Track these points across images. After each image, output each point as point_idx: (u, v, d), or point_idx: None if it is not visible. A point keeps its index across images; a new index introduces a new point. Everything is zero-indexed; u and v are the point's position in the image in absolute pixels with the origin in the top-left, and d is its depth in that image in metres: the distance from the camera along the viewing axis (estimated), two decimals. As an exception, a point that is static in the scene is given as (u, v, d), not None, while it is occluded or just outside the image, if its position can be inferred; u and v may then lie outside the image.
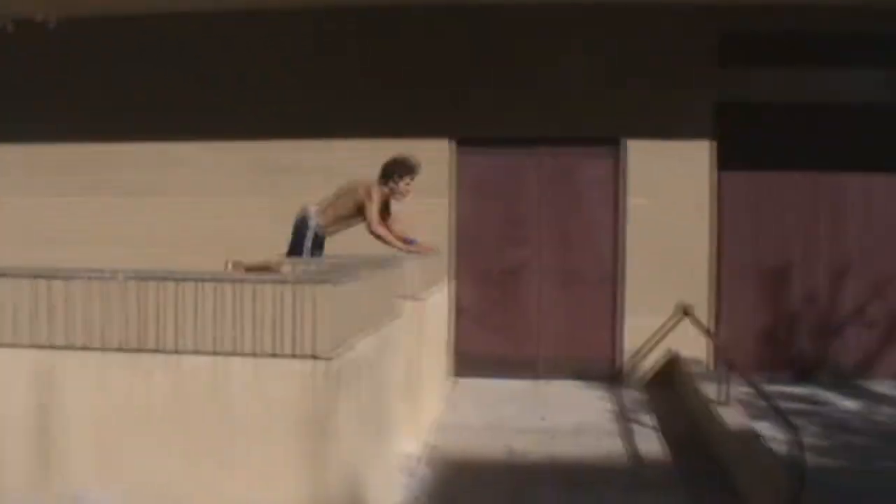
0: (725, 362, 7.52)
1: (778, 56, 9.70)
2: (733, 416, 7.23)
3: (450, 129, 9.90)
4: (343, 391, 4.51)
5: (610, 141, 9.77)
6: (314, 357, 4.26)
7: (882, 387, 9.61)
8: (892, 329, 9.90)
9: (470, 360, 9.93)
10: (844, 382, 9.74)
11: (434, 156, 9.78)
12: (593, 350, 9.72)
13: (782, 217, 9.90)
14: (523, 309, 9.90)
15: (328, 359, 4.29)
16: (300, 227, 7.82)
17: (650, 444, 7.77)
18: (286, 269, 5.65)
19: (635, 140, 9.68)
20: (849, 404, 8.98)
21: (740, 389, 8.30)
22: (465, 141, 9.90)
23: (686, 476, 7.03)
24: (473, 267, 9.95)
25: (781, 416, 5.83)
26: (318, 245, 7.90)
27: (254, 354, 4.33)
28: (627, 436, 7.97)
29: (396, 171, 7.80)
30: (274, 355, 4.32)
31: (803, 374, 9.90)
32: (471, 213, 9.96)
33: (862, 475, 7.05)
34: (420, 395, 7.59)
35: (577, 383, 9.64)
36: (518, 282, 9.92)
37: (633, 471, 7.22)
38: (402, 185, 7.82)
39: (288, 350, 4.29)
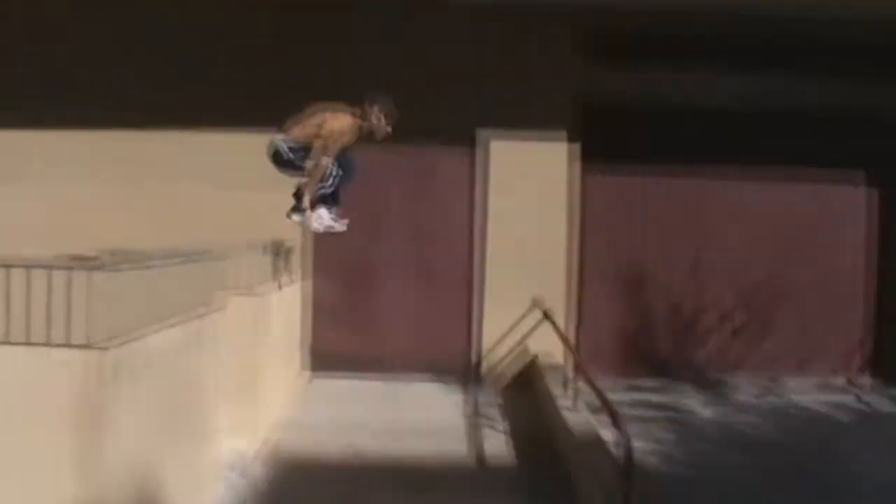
0: (575, 365, 7.35)
1: (643, 58, 9.61)
2: (578, 420, 7.08)
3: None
4: (125, 383, 4.20)
5: (469, 139, 9.58)
6: (88, 346, 3.95)
7: (742, 389, 9.60)
8: (755, 329, 9.88)
9: (326, 358, 9.65)
10: (706, 383, 9.70)
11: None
12: (450, 350, 9.54)
13: (645, 218, 9.87)
14: (379, 308, 9.68)
15: (103, 348, 3.98)
16: (281, 157, 7.21)
17: (498, 446, 7.64)
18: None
19: (496, 139, 9.51)
20: (704, 409, 8.95)
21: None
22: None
23: (529, 480, 6.89)
24: (330, 264, 9.68)
25: (614, 418, 5.71)
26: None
27: (26, 343, 4.01)
28: (476, 438, 7.81)
29: (378, 103, 7.19)
30: (47, 344, 4.00)
31: (665, 374, 9.85)
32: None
33: (701, 477, 7.04)
34: (259, 392, 7.27)
35: (433, 383, 9.40)
36: (374, 280, 9.68)
37: (476, 474, 7.07)
38: (384, 119, 7.20)
39: (61, 339, 3.98)
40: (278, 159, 7.21)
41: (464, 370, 9.59)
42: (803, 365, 10.03)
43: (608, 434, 6.62)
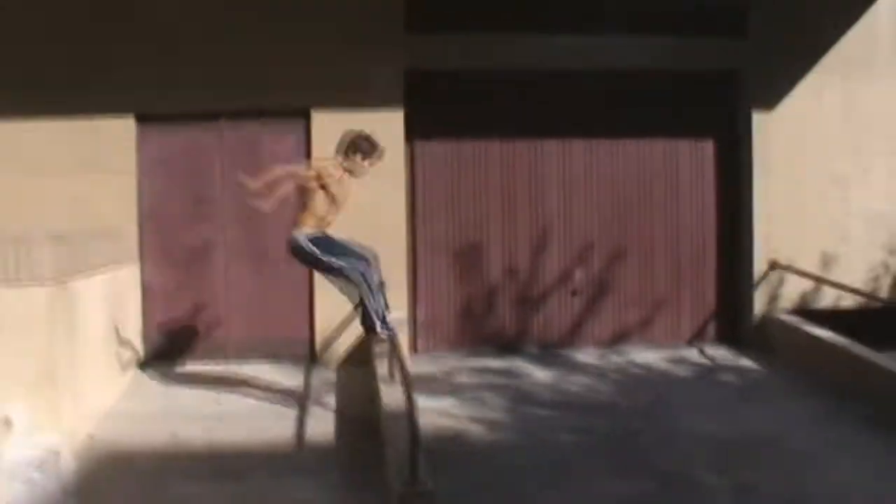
0: (391, 339, 7.23)
1: (468, 22, 9.52)
2: (394, 395, 6.98)
3: (131, 105, 9.19)
4: None
5: (296, 113, 9.31)
6: None
7: (583, 355, 9.62)
8: (595, 297, 9.91)
9: (158, 345, 9.34)
10: (548, 353, 9.71)
11: (119, 133, 9.20)
12: (286, 330, 9.32)
13: (482, 186, 9.79)
14: (211, 290, 9.40)
15: None
16: (304, 254, 7.17)
17: (322, 426, 7.50)
18: None
19: (322, 111, 9.24)
20: (542, 375, 8.95)
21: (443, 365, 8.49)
22: (145, 117, 9.24)
23: (346, 458, 6.83)
24: (160, 247, 9.36)
25: (406, 385, 5.63)
26: (328, 247, 7.14)
27: None
28: (302, 418, 7.66)
29: (362, 147, 7.12)
30: None
31: (507, 346, 9.82)
32: (156, 192, 9.35)
33: (521, 442, 7.12)
34: (70, 384, 6.97)
35: (270, 365, 9.18)
36: (205, 262, 9.41)
37: (293, 455, 6.94)
38: (367, 163, 7.17)
39: None
40: (305, 256, 7.18)
41: (302, 350, 9.39)
42: (651, 331, 10.06)
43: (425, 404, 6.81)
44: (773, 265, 9.88)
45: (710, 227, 10.14)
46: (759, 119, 9.94)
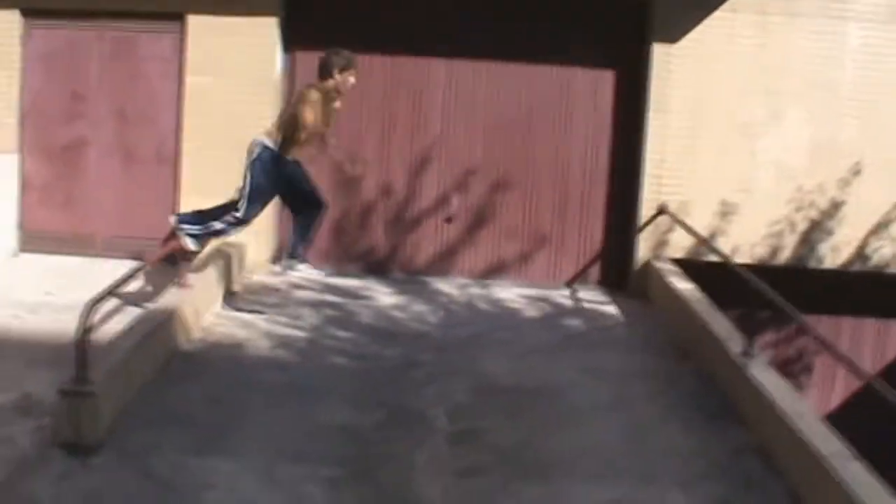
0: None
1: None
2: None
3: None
4: None
5: (173, 16, 9.26)
6: None
7: (447, 285, 9.40)
8: (472, 226, 9.64)
9: (35, 236, 9.59)
10: (412, 279, 9.53)
11: (3, 27, 9.39)
12: (152, 230, 9.36)
13: (362, 102, 9.48)
14: (84, 186, 9.56)
15: None
16: (248, 167, 7.29)
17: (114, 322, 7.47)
18: None
19: (197, 15, 9.17)
20: (386, 301, 8.79)
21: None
22: (30, 12, 9.37)
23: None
24: (39, 142, 9.55)
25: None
26: (281, 173, 7.29)
27: None
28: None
29: (338, 63, 7.15)
30: None
31: (375, 268, 9.68)
32: (37, 87, 9.51)
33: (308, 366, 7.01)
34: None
35: (134, 263, 9.26)
36: (79, 158, 9.55)
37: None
38: (350, 76, 7.22)
39: None
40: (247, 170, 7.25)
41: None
42: (529, 268, 9.74)
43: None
44: (661, 210, 9.36)
45: (603, 164, 9.65)
46: (660, 52, 9.34)
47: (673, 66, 9.32)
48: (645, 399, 6.70)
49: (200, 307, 7.55)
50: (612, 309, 9.00)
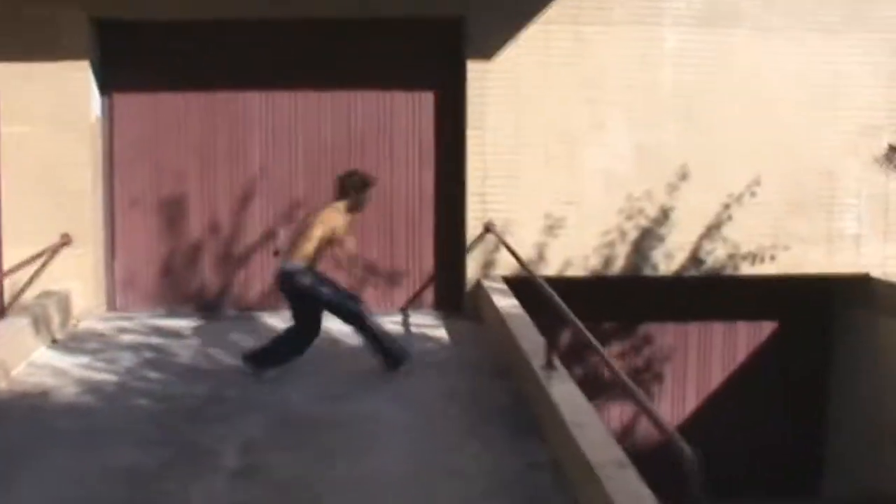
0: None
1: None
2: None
3: None
4: None
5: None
6: None
7: (277, 320, 9.25)
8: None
9: None
10: (243, 315, 9.40)
11: None
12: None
13: (183, 140, 9.43)
14: None
15: None
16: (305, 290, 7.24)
17: None
18: None
19: (6, 63, 8.99)
20: (210, 339, 8.65)
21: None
22: None
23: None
24: None
25: None
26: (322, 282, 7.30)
27: None
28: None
29: (362, 182, 7.26)
30: None
31: (208, 306, 9.53)
32: None
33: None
34: None
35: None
36: None
37: None
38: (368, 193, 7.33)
39: None
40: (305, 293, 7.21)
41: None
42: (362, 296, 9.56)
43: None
44: (487, 228, 9.27)
45: (429, 186, 9.57)
46: (476, 69, 9.26)
47: (489, 83, 9.25)
48: (450, 421, 6.63)
49: (7, 359, 7.40)
50: (440, 332, 8.90)
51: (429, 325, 9.11)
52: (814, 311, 10.38)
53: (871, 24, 9.58)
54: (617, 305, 9.99)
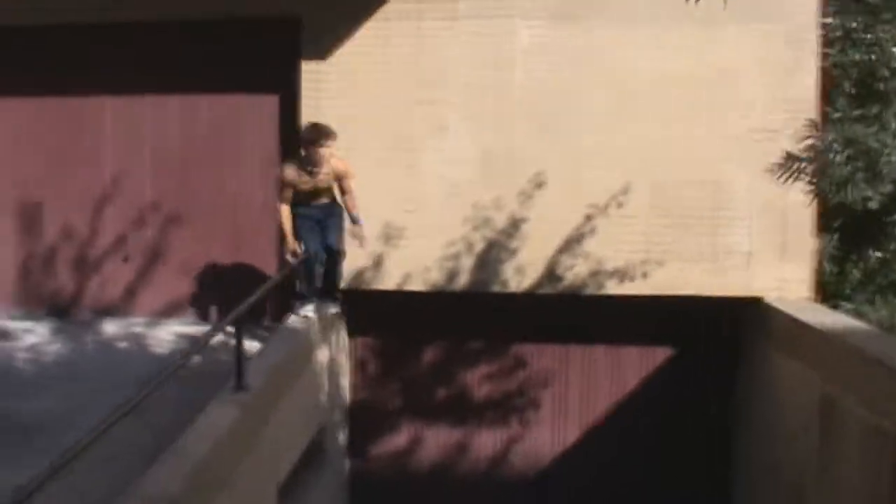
0: None
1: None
2: None
3: None
4: None
5: None
6: None
7: (115, 324, 9.20)
8: (148, 264, 9.40)
9: None
10: (96, 320, 9.38)
11: None
12: None
13: (33, 147, 9.51)
14: None
15: None
16: None
17: None
18: None
19: None
20: (33, 339, 8.69)
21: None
22: None
23: None
24: None
25: None
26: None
27: None
28: None
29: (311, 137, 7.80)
30: None
31: (64, 310, 9.57)
32: None
33: None
34: None
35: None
36: None
37: None
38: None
39: None
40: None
41: None
42: (206, 304, 9.38)
43: None
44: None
45: (272, 193, 9.14)
46: (311, 70, 8.86)
47: (325, 84, 8.80)
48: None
49: None
50: (257, 343, 8.47)
51: (251, 336, 8.68)
52: (714, 337, 9.22)
53: (762, 11, 8.40)
54: (482, 324, 9.26)
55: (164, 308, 9.35)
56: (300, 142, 7.86)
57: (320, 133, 7.66)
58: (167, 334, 8.84)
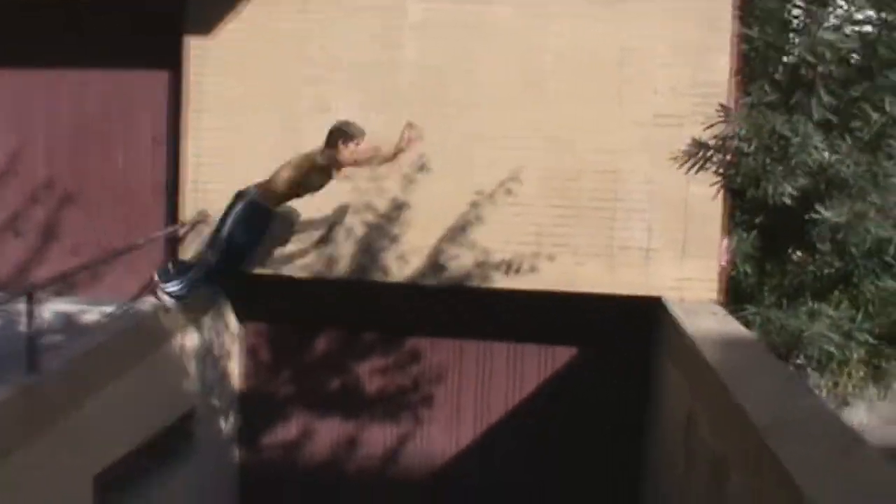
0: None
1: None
2: None
3: None
4: None
5: None
6: None
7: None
8: (42, 241, 9.24)
9: None
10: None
11: None
12: None
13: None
14: None
15: None
16: (231, 205, 7.85)
17: None
18: None
19: None
20: None
21: None
22: None
23: None
24: None
25: None
26: (254, 222, 7.90)
27: None
28: None
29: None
30: None
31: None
32: None
33: None
34: None
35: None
36: None
37: None
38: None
39: None
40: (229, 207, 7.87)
41: None
42: (106, 282, 9.17)
43: None
44: (201, 219, 8.54)
45: (162, 172, 8.94)
46: (196, 47, 8.56)
47: (209, 61, 8.48)
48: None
49: None
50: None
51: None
52: (623, 337, 8.64)
53: (669, -13, 7.77)
54: (376, 315, 8.86)
55: (60, 285, 9.08)
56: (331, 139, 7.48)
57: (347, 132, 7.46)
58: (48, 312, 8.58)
